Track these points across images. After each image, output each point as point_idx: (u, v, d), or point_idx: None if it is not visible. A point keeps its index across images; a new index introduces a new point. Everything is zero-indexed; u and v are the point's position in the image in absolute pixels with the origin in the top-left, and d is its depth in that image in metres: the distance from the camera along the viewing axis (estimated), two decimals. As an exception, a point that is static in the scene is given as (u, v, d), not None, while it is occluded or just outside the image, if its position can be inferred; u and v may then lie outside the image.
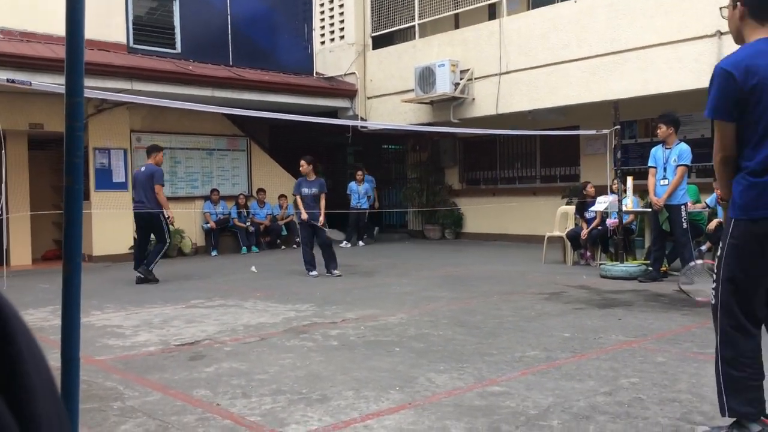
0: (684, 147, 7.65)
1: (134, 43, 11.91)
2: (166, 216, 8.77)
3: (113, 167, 12.06)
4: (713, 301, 2.79)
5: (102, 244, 11.77)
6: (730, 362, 2.72)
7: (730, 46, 9.87)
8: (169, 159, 12.80)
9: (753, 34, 2.48)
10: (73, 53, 2.06)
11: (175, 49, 12.37)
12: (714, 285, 2.77)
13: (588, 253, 9.64)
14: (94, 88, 9.35)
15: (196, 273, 9.85)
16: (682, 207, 7.60)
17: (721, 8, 2.63)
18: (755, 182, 2.57)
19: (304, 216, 8.86)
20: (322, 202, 8.97)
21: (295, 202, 9.39)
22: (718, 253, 2.79)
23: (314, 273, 8.88)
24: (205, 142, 13.34)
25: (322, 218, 8.85)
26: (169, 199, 12.62)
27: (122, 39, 11.73)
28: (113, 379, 4.15)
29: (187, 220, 12.76)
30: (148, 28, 12.13)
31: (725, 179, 2.74)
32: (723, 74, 2.48)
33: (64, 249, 2.10)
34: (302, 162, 9.11)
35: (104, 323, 6.01)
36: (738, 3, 2.47)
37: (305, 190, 8.99)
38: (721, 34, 8.96)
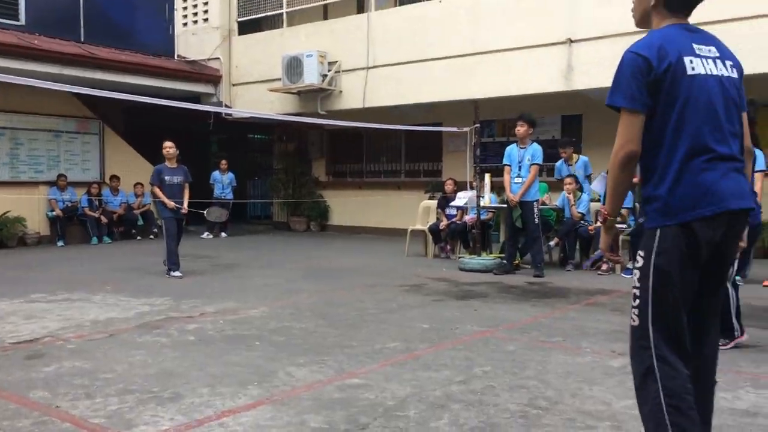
0: (537, 147, 8.11)
1: (-30, 12, 10.79)
2: None
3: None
4: (635, 323, 2.31)
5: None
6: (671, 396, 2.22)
7: (579, 54, 10.50)
8: (10, 140, 11.74)
9: (661, 21, 2.39)
10: None
11: (18, 20, 11.32)
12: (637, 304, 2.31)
13: (448, 247, 9.97)
14: None
15: (39, 264, 9.10)
16: (535, 204, 8.06)
17: None
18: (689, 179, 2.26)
19: (171, 205, 7.94)
20: (187, 192, 8.16)
21: (152, 191, 8.31)
22: (638, 265, 2.33)
23: (178, 274, 7.84)
24: (51, 123, 12.33)
25: (185, 209, 8.08)
26: (9, 184, 11.66)
27: (-45, 6, 10.59)
28: (-67, 382, 3.71)
29: (30, 207, 11.74)
30: (-13, -4, 11.02)
31: (623, 184, 2.34)
32: (634, 58, 2.27)
33: None
34: (169, 143, 8.12)
35: (-75, 320, 5.38)
36: None
37: (168, 178, 8.06)
38: (572, 41, 9.60)
